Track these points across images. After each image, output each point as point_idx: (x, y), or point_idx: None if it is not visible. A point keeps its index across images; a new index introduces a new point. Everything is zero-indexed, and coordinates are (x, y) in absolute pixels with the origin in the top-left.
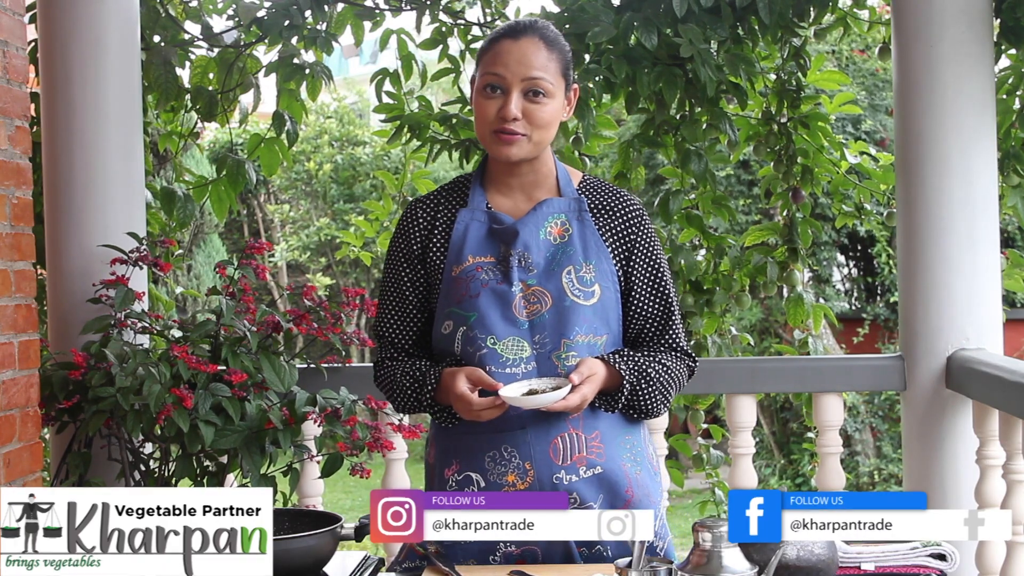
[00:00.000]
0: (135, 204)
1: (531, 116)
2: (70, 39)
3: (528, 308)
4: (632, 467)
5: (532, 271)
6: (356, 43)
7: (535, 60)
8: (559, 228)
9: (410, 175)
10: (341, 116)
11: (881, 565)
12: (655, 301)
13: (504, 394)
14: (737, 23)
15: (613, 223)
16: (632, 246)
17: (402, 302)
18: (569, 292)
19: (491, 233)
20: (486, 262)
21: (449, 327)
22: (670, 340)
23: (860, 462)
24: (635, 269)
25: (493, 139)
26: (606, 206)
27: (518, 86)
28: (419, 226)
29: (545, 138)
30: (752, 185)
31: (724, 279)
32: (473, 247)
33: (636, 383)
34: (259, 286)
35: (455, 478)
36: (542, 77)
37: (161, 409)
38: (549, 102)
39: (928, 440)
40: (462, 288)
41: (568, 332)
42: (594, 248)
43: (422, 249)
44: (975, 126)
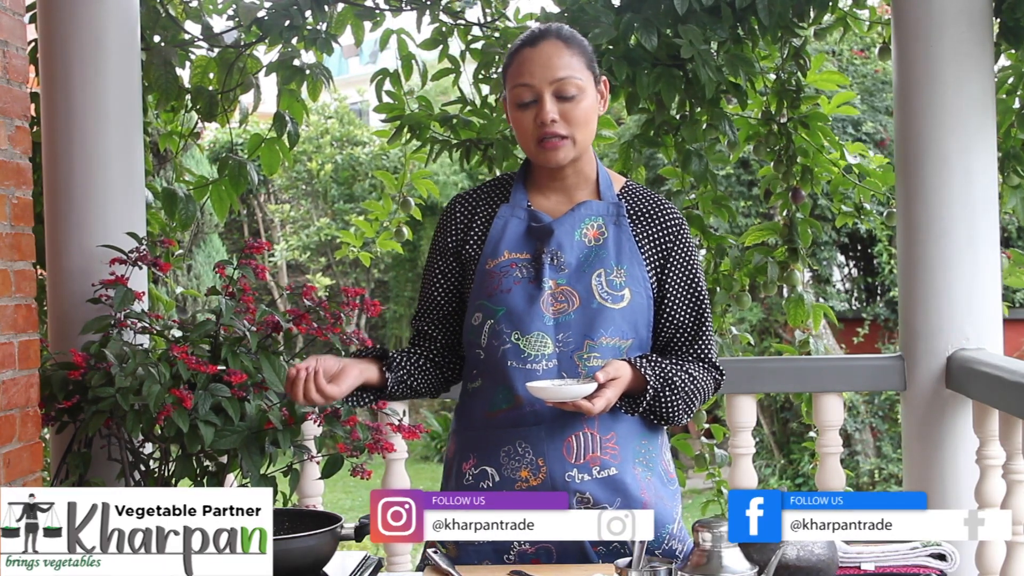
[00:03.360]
0: (135, 204)
1: (568, 116)
2: (70, 39)
3: (555, 306)
4: (644, 472)
5: (563, 270)
6: (356, 43)
7: (559, 61)
8: (595, 231)
9: (410, 175)
10: (342, 116)
11: (881, 565)
12: (688, 311)
13: (532, 384)
14: (737, 23)
15: (651, 230)
16: (668, 254)
17: (431, 293)
18: (597, 294)
19: (529, 231)
20: (520, 258)
21: (478, 319)
22: (700, 351)
23: (860, 462)
24: (670, 277)
25: (538, 150)
26: (645, 213)
27: (548, 90)
28: (457, 221)
29: (587, 136)
30: (752, 185)
31: (724, 279)
32: (510, 243)
33: (660, 389)
34: (259, 286)
35: (472, 472)
36: (569, 76)
37: (161, 409)
38: (582, 99)
39: (928, 440)
40: (495, 282)
41: (592, 334)
42: (628, 253)
43: (457, 244)
44: (975, 126)
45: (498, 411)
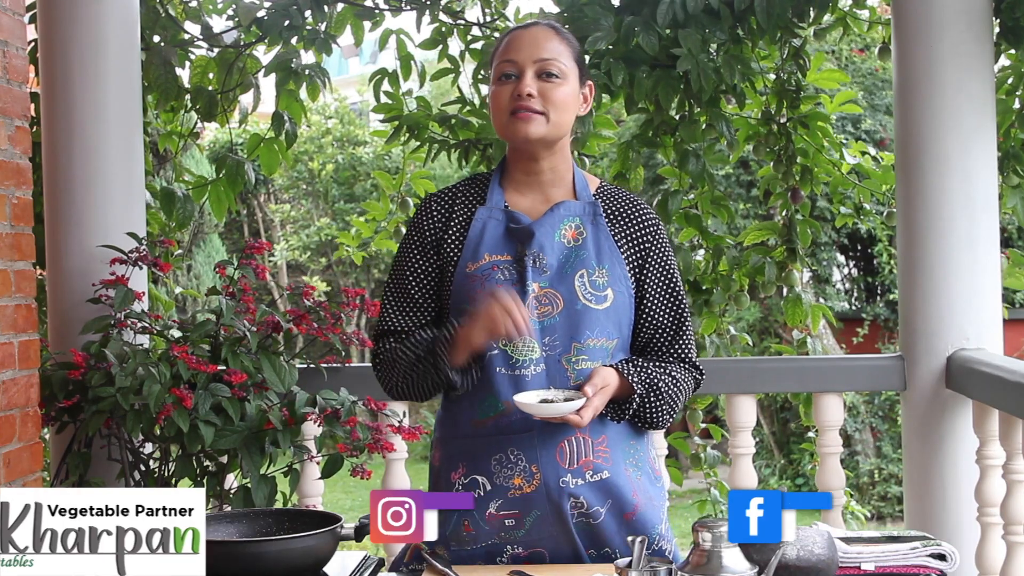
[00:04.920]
0: (135, 204)
1: (547, 95)
2: (70, 39)
3: (540, 309)
4: (634, 472)
5: (545, 272)
6: (356, 43)
7: (546, 43)
8: (573, 231)
9: (408, 175)
10: (343, 116)
11: (881, 565)
12: (667, 311)
13: (519, 400)
14: (736, 23)
15: (628, 230)
16: (646, 254)
17: (408, 292)
18: (581, 296)
19: (508, 232)
20: (502, 260)
21: (464, 324)
22: (680, 351)
23: (860, 462)
24: (648, 278)
25: (510, 122)
26: (621, 213)
27: (531, 67)
28: (434, 219)
29: (562, 120)
30: (752, 186)
31: (723, 279)
32: (490, 245)
33: (646, 395)
34: (259, 286)
35: (461, 482)
36: (555, 59)
37: (161, 409)
38: (563, 83)
39: (928, 440)
40: (476, 285)
41: (578, 336)
42: (608, 252)
43: (437, 240)
44: (975, 126)
45: (486, 419)
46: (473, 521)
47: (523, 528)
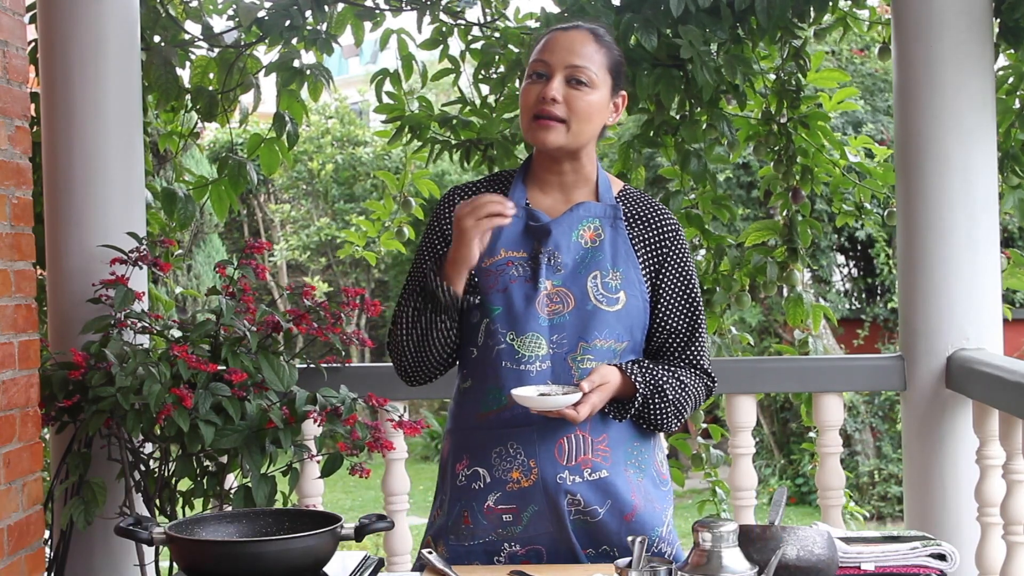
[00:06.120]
0: (135, 204)
1: (571, 102)
2: (70, 39)
3: (550, 307)
4: (635, 474)
5: (560, 271)
6: (356, 43)
7: (582, 49)
8: (591, 232)
9: (411, 175)
10: (343, 116)
11: (881, 565)
12: (682, 316)
13: (516, 393)
14: (737, 23)
15: (646, 234)
16: (663, 259)
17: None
18: (592, 296)
19: (526, 229)
20: (517, 257)
21: (476, 316)
22: (692, 357)
23: (860, 462)
24: (664, 283)
25: (531, 126)
26: (641, 217)
27: (561, 72)
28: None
29: (584, 131)
30: (752, 188)
31: (724, 279)
32: (507, 241)
33: (650, 396)
34: (259, 286)
35: (464, 473)
36: (586, 66)
37: (161, 409)
38: (592, 92)
39: (928, 440)
40: (491, 280)
41: (587, 336)
42: (624, 256)
43: None
44: (975, 126)
45: (489, 412)
46: (472, 514)
47: (520, 524)
